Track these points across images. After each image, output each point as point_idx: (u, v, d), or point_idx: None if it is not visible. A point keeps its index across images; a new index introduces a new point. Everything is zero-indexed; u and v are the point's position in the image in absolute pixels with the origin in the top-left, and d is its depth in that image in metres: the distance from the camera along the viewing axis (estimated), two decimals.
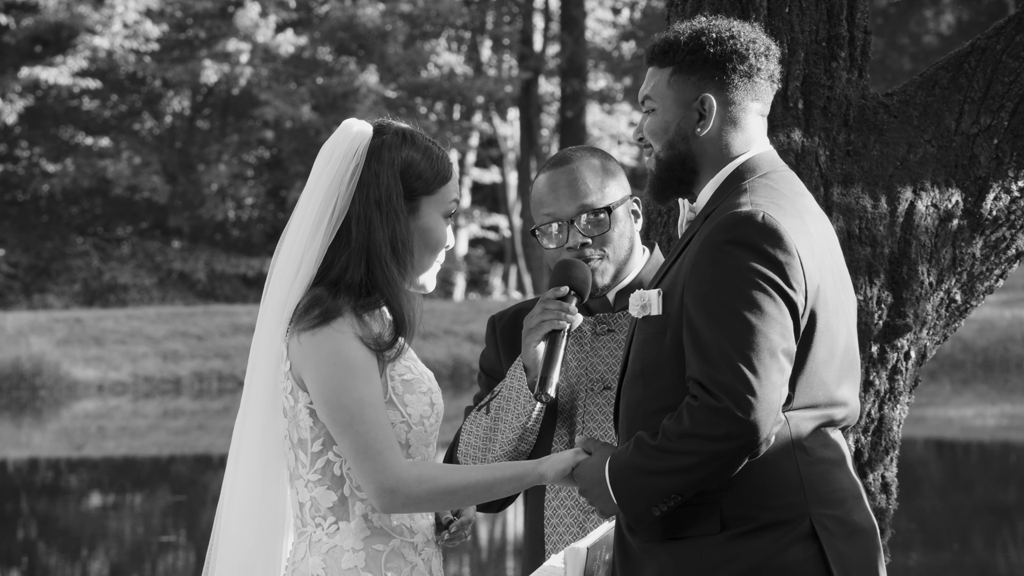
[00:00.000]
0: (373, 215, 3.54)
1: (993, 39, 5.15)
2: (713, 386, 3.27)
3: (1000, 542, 12.98)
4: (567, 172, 4.01)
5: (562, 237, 4.00)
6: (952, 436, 20.88)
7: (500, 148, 41.72)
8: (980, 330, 29.65)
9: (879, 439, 5.06)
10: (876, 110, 5.11)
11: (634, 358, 3.49)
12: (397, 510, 3.48)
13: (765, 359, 3.27)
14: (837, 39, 5.05)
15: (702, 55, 3.49)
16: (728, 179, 3.49)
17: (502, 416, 3.99)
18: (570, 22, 39.61)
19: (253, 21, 36.77)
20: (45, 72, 35.83)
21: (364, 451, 3.44)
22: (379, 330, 3.53)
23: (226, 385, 28.21)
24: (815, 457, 3.40)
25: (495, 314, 4.21)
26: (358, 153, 3.58)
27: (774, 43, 3.57)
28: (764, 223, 3.34)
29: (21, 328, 28.79)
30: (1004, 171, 5.08)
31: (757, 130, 3.54)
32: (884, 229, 5.00)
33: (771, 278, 3.31)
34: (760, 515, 3.35)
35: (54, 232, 37.69)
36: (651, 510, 3.36)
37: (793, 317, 3.34)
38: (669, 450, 3.31)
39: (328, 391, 3.47)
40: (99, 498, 16.98)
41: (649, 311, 3.45)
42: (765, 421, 3.27)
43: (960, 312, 5.21)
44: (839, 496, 3.42)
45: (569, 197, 3.99)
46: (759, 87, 3.52)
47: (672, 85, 3.51)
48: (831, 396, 3.43)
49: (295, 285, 3.59)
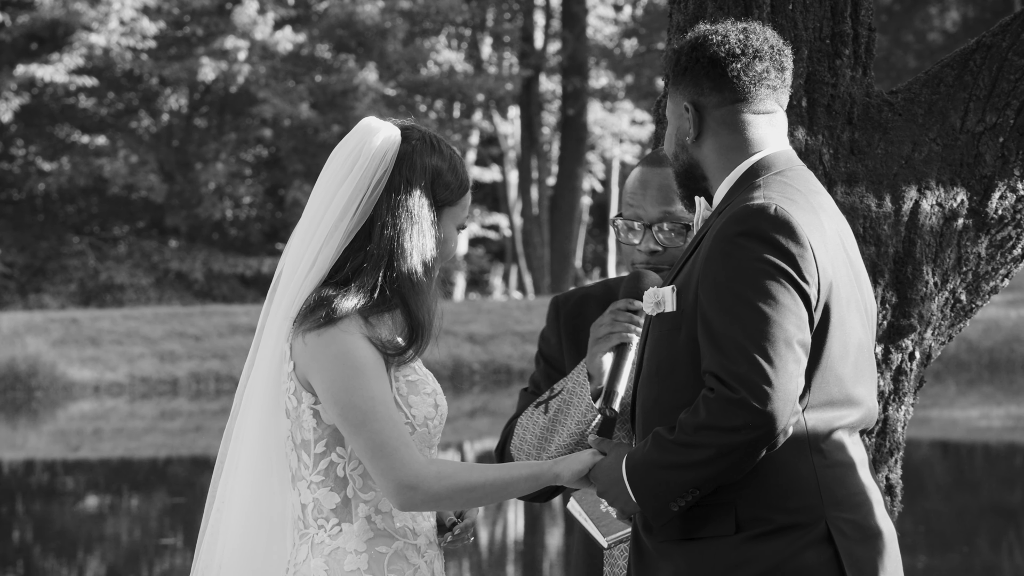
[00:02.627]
0: (404, 224, 3.54)
1: (999, 36, 5.13)
2: (729, 377, 3.28)
3: (1006, 544, 13.03)
4: (662, 174, 3.95)
5: (637, 238, 3.96)
6: (957, 438, 20.93)
7: (500, 146, 41.74)
8: (985, 330, 29.72)
9: (884, 441, 5.03)
10: (880, 108, 5.10)
11: (649, 356, 3.50)
12: (416, 507, 3.47)
13: (781, 349, 3.29)
14: (841, 36, 5.04)
15: (682, 65, 3.54)
16: (742, 177, 3.51)
17: (561, 419, 3.94)
18: (571, 19, 39.66)
19: (251, 18, 36.80)
20: (41, 70, 35.87)
21: (380, 449, 3.44)
22: (387, 335, 3.52)
23: (224, 386, 28.28)
24: (832, 460, 3.41)
25: (559, 296, 4.15)
26: (387, 157, 3.57)
27: (778, 42, 3.57)
28: (776, 215, 3.36)
29: (16, 328, 28.84)
30: (1010, 170, 5.06)
31: (764, 130, 3.54)
32: (888, 228, 4.98)
33: (784, 269, 3.33)
34: (775, 517, 3.36)
35: (50, 231, 37.71)
36: (669, 505, 3.36)
37: (807, 309, 3.34)
38: (686, 443, 3.31)
39: (339, 391, 3.46)
40: (95, 500, 17.00)
41: (663, 308, 3.46)
42: (782, 411, 3.28)
43: (965, 312, 5.18)
44: (856, 500, 3.42)
45: (656, 200, 3.94)
46: (748, 89, 3.52)
47: (670, 97, 3.59)
48: (847, 393, 3.43)
49: (305, 283, 3.56)
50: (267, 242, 38.73)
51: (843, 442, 3.44)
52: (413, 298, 3.53)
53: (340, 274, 3.53)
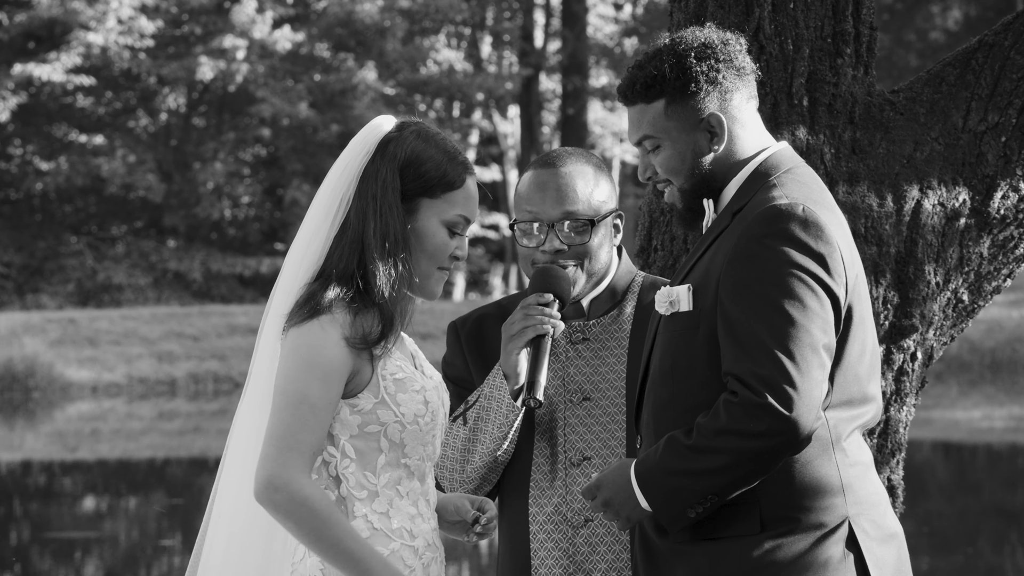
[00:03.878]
0: (368, 207, 3.50)
1: (1001, 35, 5.14)
2: (754, 380, 3.25)
3: (1008, 546, 13.05)
4: (559, 175, 3.97)
5: (541, 238, 3.97)
6: (959, 438, 20.93)
7: (500, 146, 41.72)
8: (988, 331, 29.73)
9: (885, 441, 5.05)
10: (882, 107, 5.10)
11: (663, 355, 3.46)
12: (266, 505, 3.40)
13: (807, 354, 3.26)
14: (843, 35, 5.05)
15: (689, 76, 3.48)
16: (752, 176, 3.50)
17: (482, 427, 3.93)
18: (571, 18, 39.67)
19: (250, 17, 36.78)
20: (38, 69, 35.85)
21: (278, 439, 3.39)
22: (369, 326, 3.48)
23: (222, 387, 28.31)
24: (853, 459, 3.41)
25: (456, 320, 4.17)
26: (369, 146, 3.55)
27: (736, 34, 3.58)
28: (805, 216, 3.34)
29: (14, 328, 28.84)
30: (1012, 169, 5.08)
31: (760, 124, 3.56)
32: (890, 228, 5.00)
33: (813, 271, 3.31)
34: (800, 517, 3.34)
35: (47, 231, 37.69)
36: (687, 512, 3.34)
37: (835, 310, 3.34)
38: (706, 449, 3.29)
39: (280, 376, 3.44)
40: (93, 501, 16.99)
41: (678, 307, 3.44)
42: (807, 417, 3.25)
43: (967, 312, 5.20)
44: (874, 499, 3.43)
45: (556, 200, 3.95)
46: (748, 81, 3.53)
47: (671, 116, 3.50)
48: (864, 392, 3.43)
49: (298, 279, 3.55)
50: (266, 242, 38.70)
51: (859, 442, 3.45)
52: (383, 288, 3.48)
53: (327, 266, 3.52)
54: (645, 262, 5.11)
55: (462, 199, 3.58)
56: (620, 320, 4.00)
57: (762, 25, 4.97)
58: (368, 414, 3.48)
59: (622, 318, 4.00)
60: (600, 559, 3.89)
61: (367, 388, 3.48)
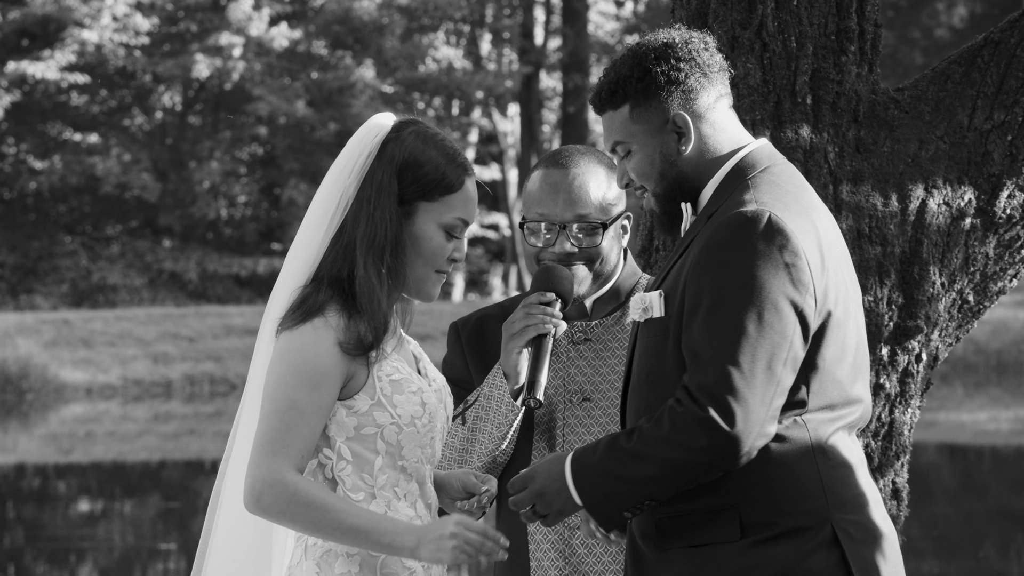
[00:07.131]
0: (361, 210, 3.48)
1: (1007, 32, 5.12)
2: (699, 392, 3.25)
3: (1015, 549, 13.12)
4: (571, 176, 3.97)
5: (550, 239, 3.97)
6: (965, 441, 21.02)
7: (500, 144, 41.78)
8: (993, 332, 29.88)
9: (889, 444, 5.04)
10: (887, 106, 5.09)
11: (639, 363, 3.46)
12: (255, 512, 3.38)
13: (758, 370, 3.25)
14: (847, 33, 5.04)
15: (651, 78, 3.47)
16: (728, 176, 3.47)
17: (480, 426, 3.95)
18: (572, 15, 39.75)
19: (246, 14, 36.84)
20: (32, 66, 35.93)
21: (266, 444, 3.37)
22: (364, 331, 3.46)
23: (218, 388, 28.46)
24: (835, 461, 3.38)
25: (457, 320, 4.17)
26: (369, 147, 3.52)
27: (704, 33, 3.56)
28: (771, 224, 3.31)
29: (7, 329, 28.96)
30: (1018, 168, 5.07)
31: (735, 123, 3.52)
32: (895, 228, 4.99)
33: (774, 284, 3.28)
34: (781, 521, 3.33)
35: (41, 231, 37.73)
36: (621, 515, 3.34)
37: (801, 322, 3.30)
38: (643, 456, 3.29)
39: (269, 381, 3.43)
40: (88, 504, 17.03)
41: (651, 314, 3.42)
42: (747, 434, 3.24)
43: (973, 313, 5.18)
44: (859, 501, 3.40)
45: (567, 203, 3.95)
46: (716, 79, 3.50)
47: (637, 119, 3.49)
48: (847, 395, 3.40)
49: (295, 282, 3.52)
50: (262, 242, 38.72)
51: (845, 442, 3.42)
52: (366, 294, 3.44)
53: (322, 268, 3.49)
54: (647, 262, 5.11)
55: (461, 202, 3.54)
56: (623, 321, 4.01)
57: (765, 22, 4.97)
58: (364, 416, 3.46)
59: (624, 319, 4.01)
60: (596, 561, 3.91)
61: (363, 390, 3.46)
